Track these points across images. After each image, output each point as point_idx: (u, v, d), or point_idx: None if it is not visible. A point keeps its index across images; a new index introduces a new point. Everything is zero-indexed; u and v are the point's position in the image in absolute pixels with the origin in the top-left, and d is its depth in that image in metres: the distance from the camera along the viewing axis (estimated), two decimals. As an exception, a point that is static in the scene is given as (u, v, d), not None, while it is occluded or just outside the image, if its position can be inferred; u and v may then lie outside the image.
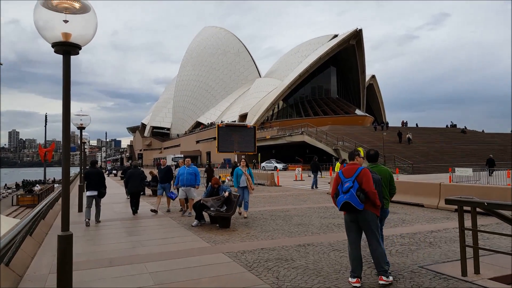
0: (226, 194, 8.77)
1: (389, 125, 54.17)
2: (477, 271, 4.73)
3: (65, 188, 3.58)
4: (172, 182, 11.80)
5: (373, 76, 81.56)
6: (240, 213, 10.14)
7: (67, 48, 3.32)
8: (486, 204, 4.49)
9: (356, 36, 61.96)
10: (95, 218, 9.56)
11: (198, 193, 10.82)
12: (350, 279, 4.56)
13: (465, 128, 56.52)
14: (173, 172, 12.47)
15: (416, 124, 59.66)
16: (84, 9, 3.25)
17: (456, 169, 20.91)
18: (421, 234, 7.42)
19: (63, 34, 3.23)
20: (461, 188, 10.84)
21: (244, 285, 4.64)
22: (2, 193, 32.57)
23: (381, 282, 4.48)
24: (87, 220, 9.18)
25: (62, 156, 3.62)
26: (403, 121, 59.06)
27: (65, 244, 3.45)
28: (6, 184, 43.81)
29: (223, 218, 8.54)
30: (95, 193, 9.43)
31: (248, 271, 5.14)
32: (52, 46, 3.30)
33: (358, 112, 64.53)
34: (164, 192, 11.34)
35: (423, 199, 11.49)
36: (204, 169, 21.61)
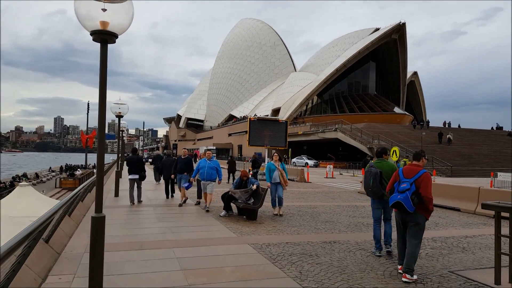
0: (254, 187, 8.83)
1: (430, 124, 52.03)
2: (511, 280, 4.49)
3: (99, 172, 3.74)
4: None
5: (415, 73, 78.42)
6: (276, 214, 9.26)
7: (104, 37, 3.44)
8: (526, 210, 4.23)
9: (399, 30, 59.53)
10: (137, 199, 10.80)
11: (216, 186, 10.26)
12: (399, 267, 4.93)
13: (512, 130, 53.21)
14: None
15: (459, 125, 56.91)
16: (122, -2, 3.35)
17: (499, 173, 19.81)
18: (454, 239, 7.12)
19: (101, 22, 3.35)
20: (502, 194, 10.25)
21: (266, 276, 4.67)
22: (46, 175, 34.56)
23: (404, 279, 4.55)
24: (131, 199, 10.59)
25: (98, 142, 3.79)
26: (445, 121, 56.49)
27: (97, 225, 3.61)
28: (51, 167, 46.50)
29: (250, 210, 8.62)
30: (136, 176, 10.72)
31: (271, 264, 5.17)
32: (91, 34, 3.43)
33: (396, 110, 62.34)
34: (180, 183, 10.86)
35: (459, 203, 10.99)
36: (226, 161, 21.74)
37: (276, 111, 65.09)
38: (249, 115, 65.46)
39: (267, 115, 61.73)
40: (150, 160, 51.30)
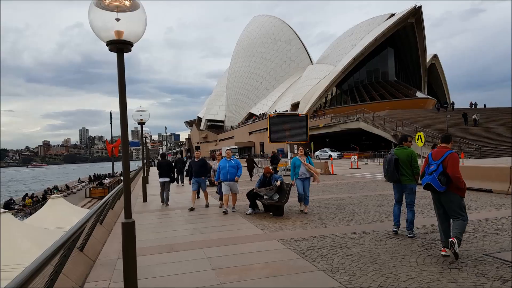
0: (278, 183, 8.81)
1: (455, 106, 50.35)
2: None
3: (126, 180, 3.84)
4: (212, 175, 11.46)
5: (435, 56, 76.19)
6: (301, 211, 8.89)
7: (120, 46, 3.52)
8: None
9: (415, 14, 57.91)
10: (165, 202, 11.31)
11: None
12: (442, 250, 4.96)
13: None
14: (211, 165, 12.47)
15: (484, 105, 54.89)
16: (134, 7, 3.42)
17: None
18: (488, 221, 6.88)
19: (116, 32, 3.43)
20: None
21: (297, 271, 4.67)
22: (76, 186, 35.72)
23: (452, 240, 4.70)
24: (162, 203, 11.30)
25: (122, 149, 3.89)
26: (471, 102, 54.67)
27: (128, 231, 3.71)
28: (79, 178, 48.02)
29: (276, 206, 8.62)
30: (167, 179, 11.39)
31: (301, 258, 5.16)
32: (107, 45, 3.52)
33: (419, 94, 60.71)
34: (200, 187, 10.58)
35: (491, 184, 10.62)
36: (258, 159, 22.00)
37: (295, 106, 64.70)
38: (269, 111, 65.43)
39: (287, 110, 61.46)
40: (173, 163, 52.44)
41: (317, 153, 43.97)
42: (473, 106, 53.14)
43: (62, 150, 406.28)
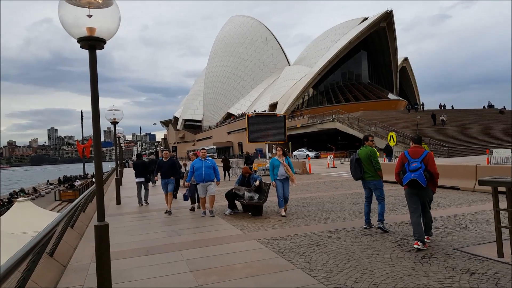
0: (257, 183, 8.83)
1: (426, 107, 52.03)
2: (515, 252, 4.53)
3: (98, 181, 3.73)
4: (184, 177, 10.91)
5: (406, 59, 78.47)
6: (284, 216, 8.31)
7: (92, 43, 3.41)
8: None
9: (387, 18, 59.57)
10: (144, 199, 11.57)
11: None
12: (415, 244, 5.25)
13: (504, 108, 53.40)
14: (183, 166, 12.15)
15: (452, 106, 57.26)
16: (107, 3, 3.33)
17: (494, 150, 19.89)
18: (456, 217, 7.18)
19: (88, 29, 3.32)
20: (498, 170, 10.35)
21: (276, 270, 4.69)
22: (44, 189, 34.49)
23: (427, 241, 5.36)
24: (139, 202, 11.47)
25: (94, 150, 3.78)
26: (440, 104, 56.89)
27: (101, 234, 3.59)
28: (48, 180, 46.34)
29: (255, 206, 8.63)
30: (142, 179, 11.55)
31: (280, 257, 5.19)
32: (78, 42, 3.40)
33: (391, 96, 62.42)
34: (167, 188, 9.86)
35: (459, 182, 11.07)
36: (237, 159, 22.03)
37: (273, 106, 65.03)
38: (247, 111, 65.47)
39: (265, 111, 61.60)
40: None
41: (295, 153, 44.38)
42: (442, 107, 55.18)
43: (29, 151, 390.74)
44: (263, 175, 20.11)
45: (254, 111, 59.91)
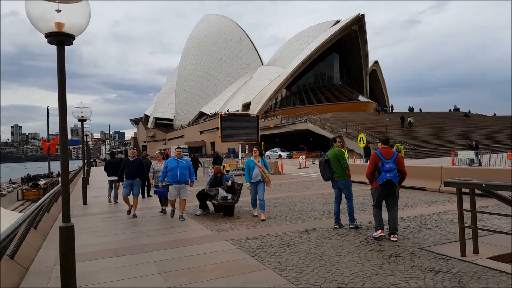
0: (229, 183, 8.81)
1: (395, 109, 53.79)
2: (476, 251, 4.77)
3: (64, 180, 3.60)
4: (151, 178, 10.03)
5: (376, 62, 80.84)
6: (256, 216, 8.19)
7: (60, 38, 3.29)
8: (484, 185, 4.49)
9: (359, 22, 61.16)
10: (114, 199, 11.69)
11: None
12: (374, 234, 5.91)
13: (469, 111, 56.18)
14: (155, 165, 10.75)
15: (420, 109, 59.52)
16: (77, -2, 3.22)
17: (459, 152, 20.84)
18: (422, 217, 7.46)
19: (56, 24, 3.20)
20: (462, 171, 10.84)
21: (247, 270, 4.69)
22: (6, 188, 32.89)
23: (393, 239, 5.69)
24: (109, 198, 11.79)
25: (60, 149, 3.64)
26: (409, 106, 59.08)
27: (66, 235, 3.47)
28: (11, 179, 44.21)
29: (227, 206, 8.60)
30: (115, 178, 11.42)
31: (251, 257, 5.19)
32: (46, 37, 3.27)
33: (361, 98, 64.10)
34: (132, 191, 9.03)
35: (425, 183, 11.50)
36: (209, 159, 21.81)
37: (246, 106, 65.12)
38: (220, 111, 65.15)
39: (238, 110, 61.63)
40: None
41: (267, 153, 44.63)
42: (411, 110, 57.33)
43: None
44: (236, 175, 20.09)
45: (227, 110, 59.85)
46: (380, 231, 5.89)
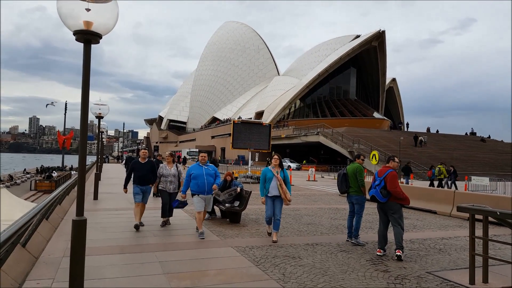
0: (238, 189, 8.82)
1: (410, 128, 53.16)
2: (485, 280, 4.67)
3: (81, 175, 3.68)
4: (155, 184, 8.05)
5: (394, 79, 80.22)
6: (270, 233, 7.07)
7: (88, 37, 3.39)
8: (498, 213, 4.41)
9: (379, 38, 60.96)
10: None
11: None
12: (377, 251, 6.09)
13: (489, 137, 55.17)
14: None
15: (437, 130, 58.67)
16: (107, -2, 3.32)
17: (472, 177, 20.44)
18: (431, 241, 7.33)
19: (85, 22, 3.30)
20: (475, 197, 10.62)
21: (249, 279, 4.69)
22: (20, 177, 33.51)
23: (397, 253, 5.76)
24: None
25: (79, 143, 3.73)
26: (428, 127, 58.41)
27: (79, 229, 3.54)
28: (25, 169, 45.05)
29: (234, 213, 8.61)
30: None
31: (255, 266, 5.19)
32: (74, 34, 3.37)
33: (376, 115, 63.59)
34: (142, 198, 7.69)
35: (436, 206, 11.31)
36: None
37: (259, 114, 65.27)
38: (233, 117, 65.43)
39: (251, 118, 61.78)
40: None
41: (276, 162, 44.47)
42: (428, 130, 56.75)
43: (8, 137, 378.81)
44: (244, 182, 20.09)
45: (240, 117, 60.03)
46: (378, 249, 6.11)
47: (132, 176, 7.78)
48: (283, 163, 40.34)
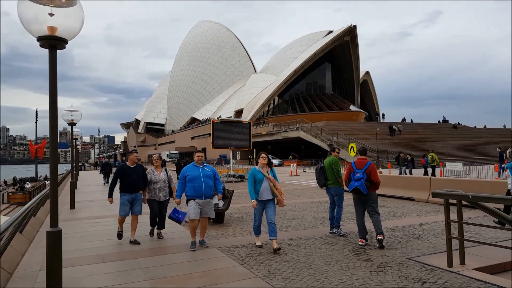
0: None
1: (386, 119, 54.48)
2: (462, 262, 4.83)
3: (53, 184, 3.56)
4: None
5: (367, 73, 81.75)
6: (259, 246, 6.18)
7: (53, 42, 3.29)
8: (470, 197, 4.56)
9: (351, 33, 61.94)
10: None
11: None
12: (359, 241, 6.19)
13: (458, 123, 57.08)
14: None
15: (411, 120, 60.30)
16: (70, 2, 3.22)
17: (447, 163, 21.11)
18: (410, 227, 7.52)
19: (49, 28, 3.20)
20: (450, 182, 10.98)
21: (236, 278, 4.67)
22: (-5, 191, 32.23)
23: (379, 237, 5.97)
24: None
25: (50, 152, 3.61)
26: (403, 118, 60.19)
27: (54, 240, 3.44)
28: (5, 180, 43.38)
29: (217, 213, 8.53)
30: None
31: (240, 265, 5.17)
32: (38, 40, 3.26)
33: (352, 108, 64.71)
34: (131, 208, 6.78)
35: (414, 193, 11.62)
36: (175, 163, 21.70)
37: (239, 113, 65.21)
38: (212, 117, 65.14)
39: (230, 117, 61.66)
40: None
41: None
42: (403, 120, 58.27)
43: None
44: (227, 181, 20.03)
45: (220, 117, 59.87)
46: (360, 239, 6.22)
47: (119, 183, 6.82)
48: (264, 160, 40.10)
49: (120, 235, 6.88)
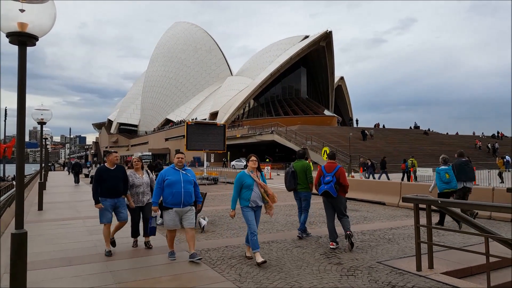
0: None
1: (360, 124, 55.82)
2: (431, 266, 4.99)
3: (19, 184, 3.45)
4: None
5: (342, 78, 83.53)
6: (249, 257, 5.64)
7: (22, 39, 3.19)
8: (439, 202, 4.75)
9: (326, 38, 63.20)
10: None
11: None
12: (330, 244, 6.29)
13: (429, 130, 59.21)
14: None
15: (384, 125, 62.06)
16: (42, -1, 3.13)
17: (418, 169, 21.83)
18: (381, 231, 7.72)
19: (19, 24, 3.10)
20: (421, 187, 11.35)
21: (206, 282, 4.65)
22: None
23: (347, 232, 6.13)
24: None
25: (16, 151, 3.48)
26: (376, 123, 61.76)
27: (18, 243, 3.33)
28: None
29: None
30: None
31: (211, 269, 5.16)
32: (7, 36, 3.17)
33: (326, 112, 65.92)
34: (117, 215, 6.25)
35: (384, 198, 11.93)
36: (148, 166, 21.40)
37: (214, 115, 64.91)
38: (187, 119, 64.49)
39: (205, 119, 61.31)
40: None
41: (233, 162, 44.57)
42: (376, 126, 59.92)
43: None
44: (200, 184, 19.87)
45: (195, 118, 59.35)
46: (331, 242, 6.31)
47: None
48: (239, 163, 40.17)
49: (109, 252, 6.02)
